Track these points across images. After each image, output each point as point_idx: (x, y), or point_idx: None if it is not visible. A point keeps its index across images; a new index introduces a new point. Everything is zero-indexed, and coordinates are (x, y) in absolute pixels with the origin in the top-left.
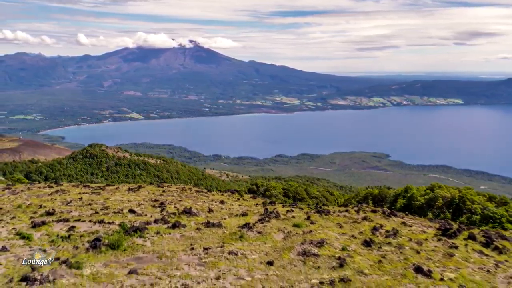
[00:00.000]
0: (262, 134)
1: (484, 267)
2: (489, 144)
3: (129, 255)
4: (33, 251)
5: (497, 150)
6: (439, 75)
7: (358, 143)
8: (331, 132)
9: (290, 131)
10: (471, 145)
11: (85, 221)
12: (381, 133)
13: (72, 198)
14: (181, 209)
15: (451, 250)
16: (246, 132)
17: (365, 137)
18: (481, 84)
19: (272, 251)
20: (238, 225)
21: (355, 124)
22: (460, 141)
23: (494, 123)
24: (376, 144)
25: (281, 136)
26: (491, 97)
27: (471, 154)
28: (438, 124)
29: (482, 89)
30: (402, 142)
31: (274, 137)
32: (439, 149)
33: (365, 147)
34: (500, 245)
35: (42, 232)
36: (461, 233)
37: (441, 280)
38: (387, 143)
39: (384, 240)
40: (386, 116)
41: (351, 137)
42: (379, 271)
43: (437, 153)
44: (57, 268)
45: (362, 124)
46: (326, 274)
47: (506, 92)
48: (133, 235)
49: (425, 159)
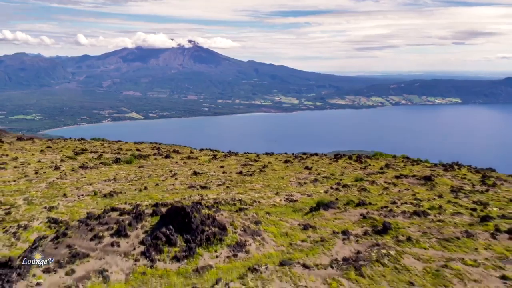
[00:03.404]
0: (261, 133)
1: (346, 167)
2: (485, 141)
3: (137, 165)
4: (78, 163)
5: (492, 146)
6: (438, 75)
7: (357, 142)
8: (330, 131)
9: (289, 130)
10: (468, 143)
11: (109, 153)
12: (379, 132)
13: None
14: (171, 150)
15: (333, 162)
16: (245, 131)
17: (364, 136)
18: (480, 83)
19: (225, 165)
20: (209, 159)
21: (354, 123)
22: (458, 140)
23: (490, 122)
24: (375, 142)
25: (280, 135)
26: (490, 96)
27: (470, 152)
28: (435, 123)
29: (481, 88)
30: (401, 140)
31: (273, 136)
32: (437, 147)
33: (364, 146)
34: (363, 160)
35: (81, 156)
36: (344, 157)
37: (316, 171)
38: (385, 142)
39: (296, 162)
40: (384, 115)
41: (349, 135)
42: (286, 169)
43: (436, 151)
44: (98, 164)
45: (361, 123)
46: (254, 168)
47: (504, 91)
48: (139, 159)
49: (422, 156)
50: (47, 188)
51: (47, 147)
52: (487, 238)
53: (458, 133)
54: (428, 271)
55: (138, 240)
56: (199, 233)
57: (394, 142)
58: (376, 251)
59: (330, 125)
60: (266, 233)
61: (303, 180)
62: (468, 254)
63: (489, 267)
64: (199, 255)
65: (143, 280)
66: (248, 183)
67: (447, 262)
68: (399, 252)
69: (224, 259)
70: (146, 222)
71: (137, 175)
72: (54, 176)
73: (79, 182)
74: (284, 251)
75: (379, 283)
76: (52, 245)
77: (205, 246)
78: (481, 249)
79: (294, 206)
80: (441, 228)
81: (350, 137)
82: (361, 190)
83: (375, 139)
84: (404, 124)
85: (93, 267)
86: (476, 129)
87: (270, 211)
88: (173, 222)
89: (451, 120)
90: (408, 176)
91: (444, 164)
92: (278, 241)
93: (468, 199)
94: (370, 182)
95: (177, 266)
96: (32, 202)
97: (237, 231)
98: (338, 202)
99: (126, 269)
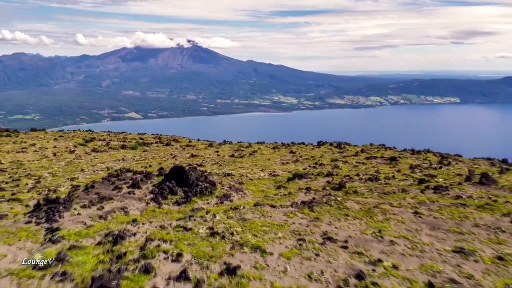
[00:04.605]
0: (260, 133)
1: (326, 152)
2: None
3: (142, 150)
4: (89, 148)
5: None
6: (437, 74)
7: (357, 141)
8: (329, 131)
9: (288, 129)
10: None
11: (115, 141)
12: (378, 132)
13: (103, 134)
14: (171, 139)
15: (315, 148)
16: (244, 131)
17: (363, 135)
18: (478, 83)
19: (219, 151)
20: (205, 146)
21: (353, 123)
22: (458, 139)
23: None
24: (374, 142)
25: (279, 135)
26: (488, 96)
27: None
28: (435, 123)
29: (480, 87)
30: (400, 140)
31: (272, 135)
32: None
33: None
34: (342, 146)
35: (91, 143)
36: (326, 143)
37: (299, 154)
38: (384, 141)
39: (283, 148)
40: (383, 114)
41: (349, 135)
42: (273, 154)
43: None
44: (107, 149)
45: (360, 123)
46: (245, 152)
47: (503, 91)
48: (143, 146)
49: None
50: (67, 165)
51: (60, 136)
52: (416, 192)
53: (457, 133)
54: (362, 209)
55: (148, 190)
56: (194, 187)
57: (393, 142)
58: (327, 198)
59: (329, 124)
60: (247, 190)
61: (286, 161)
62: (396, 201)
63: (408, 207)
64: (195, 202)
65: (153, 215)
66: (239, 163)
67: (378, 205)
68: (345, 199)
69: (213, 205)
70: (154, 180)
71: (142, 157)
72: (70, 157)
73: (93, 161)
74: (259, 200)
75: (323, 215)
76: (84, 193)
77: (199, 196)
78: (408, 198)
79: (275, 178)
80: (385, 187)
81: (349, 136)
82: (334, 168)
83: (374, 139)
84: (403, 124)
85: (116, 206)
86: (476, 128)
87: (254, 179)
88: (175, 179)
89: (450, 120)
90: (377, 158)
91: (413, 150)
92: (256, 195)
93: (421, 173)
94: (344, 162)
95: (177, 208)
96: (56, 175)
97: (224, 188)
98: (311, 174)
99: (140, 208)
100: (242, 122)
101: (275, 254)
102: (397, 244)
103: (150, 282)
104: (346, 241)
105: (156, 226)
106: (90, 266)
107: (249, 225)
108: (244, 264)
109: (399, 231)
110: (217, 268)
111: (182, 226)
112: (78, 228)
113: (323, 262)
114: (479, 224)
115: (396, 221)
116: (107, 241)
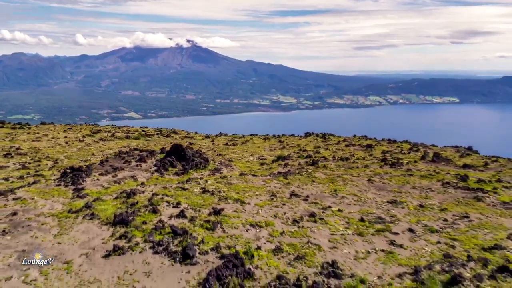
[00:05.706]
0: (260, 132)
1: (311, 141)
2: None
3: (144, 140)
4: (97, 138)
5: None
6: (437, 74)
7: None
8: (328, 130)
9: (288, 129)
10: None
11: (120, 133)
12: (377, 131)
13: (107, 127)
14: (171, 131)
15: (302, 138)
16: (243, 131)
17: (362, 135)
18: (478, 82)
19: (215, 141)
20: (202, 138)
21: (353, 123)
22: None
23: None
24: None
25: (278, 134)
26: (487, 95)
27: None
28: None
29: (479, 87)
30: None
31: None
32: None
33: None
34: (327, 137)
35: (98, 134)
36: (312, 134)
37: (286, 143)
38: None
39: (274, 139)
40: (382, 114)
41: (348, 134)
42: (263, 143)
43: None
44: (113, 139)
45: (359, 123)
46: (238, 142)
47: (502, 91)
48: (145, 137)
49: None
50: (79, 150)
51: (68, 129)
52: (376, 167)
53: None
54: (327, 178)
55: (152, 164)
56: (190, 161)
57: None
58: (300, 170)
59: (329, 124)
60: (235, 166)
61: (273, 148)
62: (357, 173)
63: (365, 177)
64: (191, 173)
65: (157, 181)
66: (231, 149)
67: (341, 175)
68: (314, 171)
69: (206, 176)
70: (157, 156)
71: (145, 145)
72: (81, 145)
73: (102, 148)
74: (244, 172)
75: (294, 181)
76: (100, 165)
77: (195, 169)
78: (367, 171)
79: (262, 161)
80: (352, 165)
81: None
82: (316, 153)
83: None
84: (402, 123)
85: (127, 174)
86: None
87: (243, 160)
88: (174, 155)
89: (449, 120)
90: (355, 145)
91: (390, 139)
92: (242, 169)
93: (391, 157)
94: (325, 149)
95: (176, 177)
96: (71, 158)
97: (216, 163)
98: (292, 156)
99: (147, 177)
100: (241, 122)
101: (251, 204)
102: (347, 198)
103: (157, 218)
104: (307, 196)
105: (160, 187)
106: (111, 211)
107: (234, 187)
108: (227, 209)
109: (351, 191)
110: (207, 211)
111: (180, 187)
112: (98, 189)
113: (287, 208)
114: (416, 187)
115: (351, 185)
116: (122, 196)
